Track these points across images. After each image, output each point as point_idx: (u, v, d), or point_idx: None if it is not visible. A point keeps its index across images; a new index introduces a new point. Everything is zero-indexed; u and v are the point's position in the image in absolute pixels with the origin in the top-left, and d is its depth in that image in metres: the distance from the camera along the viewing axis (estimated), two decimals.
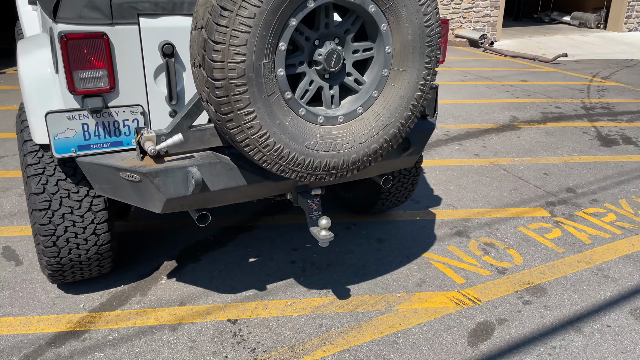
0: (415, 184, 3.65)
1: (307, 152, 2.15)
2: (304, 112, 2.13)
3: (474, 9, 12.37)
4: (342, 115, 2.23)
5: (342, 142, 2.22)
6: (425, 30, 2.22)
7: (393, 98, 2.28)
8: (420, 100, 2.34)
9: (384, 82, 2.27)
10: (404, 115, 2.32)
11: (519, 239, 3.66)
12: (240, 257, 3.38)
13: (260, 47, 1.91)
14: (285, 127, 2.08)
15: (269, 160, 2.10)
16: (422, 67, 2.28)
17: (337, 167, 2.24)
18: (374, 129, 2.28)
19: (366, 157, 2.30)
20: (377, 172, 2.83)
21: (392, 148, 2.39)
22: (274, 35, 1.93)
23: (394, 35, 2.19)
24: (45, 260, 2.68)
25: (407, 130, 2.38)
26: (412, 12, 2.17)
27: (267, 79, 1.97)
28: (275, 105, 2.03)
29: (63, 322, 2.76)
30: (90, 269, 2.86)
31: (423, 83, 2.31)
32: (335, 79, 2.24)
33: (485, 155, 5.19)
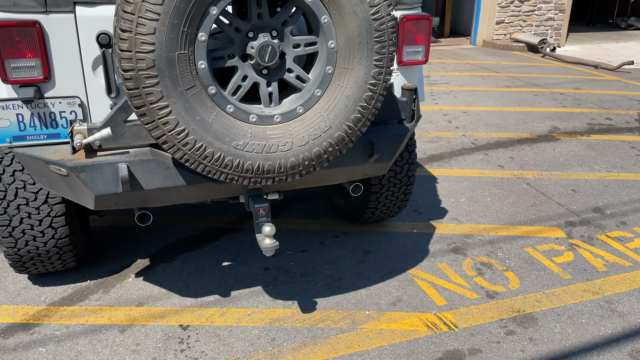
0: (409, 194, 3.39)
1: (235, 152, 1.98)
2: (233, 110, 1.97)
3: (535, 12, 11.69)
4: (279, 114, 2.05)
5: (278, 144, 2.04)
6: (373, 24, 2.00)
7: (338, 98, 2.08)
8: (371, 102, 2.11)
9: (328, 80, 2.06)
10: (352, 117, 2.10)
11: (521, 260, 3.31)
12: (215, 260, 3.26)
13: (173, 37, 1.77)
14: (208, 124, 1.92)
15: (191, 159, 1.95)
16: (371, 65, 2.06)
17: (272, 170, 2.06)
18: (316, 130, 2.08)
19: (308, 162, 2.10)
20: (341, 178, 2.62)
21: (341, 153, 2.17)
22: (189, 24, 1.79)
23: (337, 29, 1.99)
24: (4, 250, 2.67)
25: (358, 134, 2.16)
26: (356, 4, 1.95)
27: (183, 72, 1.83)
28: (195, 100, 1.88)
29: (20, 313, 2.75)
30: (51, 263, 2.84)
31: (373, 83, 2.08)
32: (273, 75, 2.06)
33: (510, 167, 4.80)
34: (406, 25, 2.58)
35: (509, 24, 11.59)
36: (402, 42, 2.61)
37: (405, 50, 2.63)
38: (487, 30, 11.54)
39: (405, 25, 2.58)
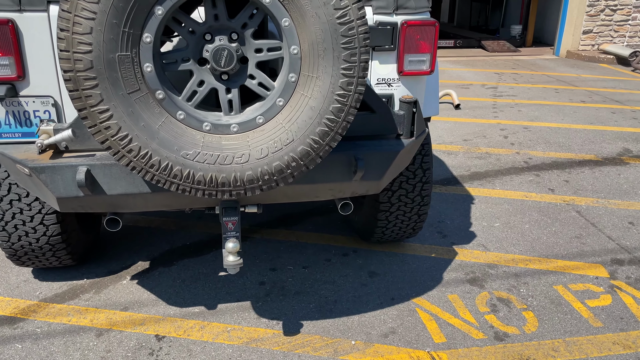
0: (423, 215, 3.11)
1: (184, 162, 1.85)
2: (184, 116, 1.85)
3: (629, 22, 10.69)
4: (236, 123, 1.89)
5: (234, 155, 1.89)
6: (339, 28, 1.79)
7: (302, 109, 1.89)
8: (340, 115, 1.90)
9: (292, 89, 1.88)
10: (317, 131, 1.90)
11: (547, 299, 2.92)
12: (213, 268, 3.16)
13: (112, 37, 1.67)
14: (154, 131, 1.81)
15: (137, 167, 1.85)
16: (338, 74, 1.85)
17: (227, 183, 1.91)
18: (277, 143, 1.90)
19: (268, 176, 1.93)
20: (327, 195, 2.42)
21: (307, 169, 1.98)
22: (131, 25, 1.68)
23: (300, 34, 1.80)
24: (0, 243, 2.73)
25: (327, 149, 1.95)
26: (319, 6, 1.76)
27: (126, 74, 1.73)
28: (139, 104, 1.77)
29: (11, 306, 2.79)
30: (46, 259, 2.86)
31: (342, 94, 1.87)
32: (234, 81, 1.91)
33: (561, 191, 4.33)
34: (408, 31, 2.34)
35: (597, 34, 10.69)
36: (402, 50, 2.37)
37: (406, 58, 2.39)
38: (573, 41, 10.71)
39: (406, 32, 2.34)
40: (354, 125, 2.34)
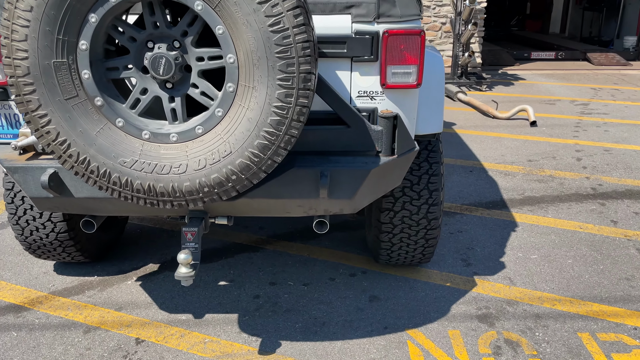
0: (431, 240, 2.87)
1: (121, 169, 1.85)
2: (123, 124, 1.84)
3: None
4: (175, 133, 1.86)
5: (171, 165, 1.85)
6: (273, 37, 1.69)
7: (240, 120, 1.81)
8: (280, 128, 1.79)
9: (231, 100, 1.81)
10: (256, 144, 1.81)
11: (565, 348, 2.55)
12: (215, 277, 3.15)
13: (47, 44, 1.71)
14: (92, 137, 1.83)
15: (79, 172, 1.88)
16: (274, 85, 1.74)
17: (166, 193, 1.88)
18: (215, 155, 1.84)
19: (207, 188, 1.87)
20: (298, 211, 2.30)
21: (250, 182, 1.89)
22: (65, 32, 1.71)
23: (235, 42, 1.73)
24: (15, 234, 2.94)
25: (269, 163, 1.85)
26: (249, 13, 1.67)
27: (63, 81, 1.76)
28: (77, 111, 1.80)
29: (24, 296, 2.99)
30: (57, 253, 3.03)
31: (279, 106, 1.76)
32: (177, 90, 1.88)
33: (626, 224, 3.80)
34: (390, 41, 2.16)
35: None
36: (384, 61, 2.20)
37: (389, 70, 2.21)
38: None
39: (388, 42, 2.16)
40: (328, 140, 2.21)
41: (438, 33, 9.18)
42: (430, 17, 9.09)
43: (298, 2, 1.69)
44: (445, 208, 4.04)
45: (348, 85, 2.25)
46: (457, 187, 4.44)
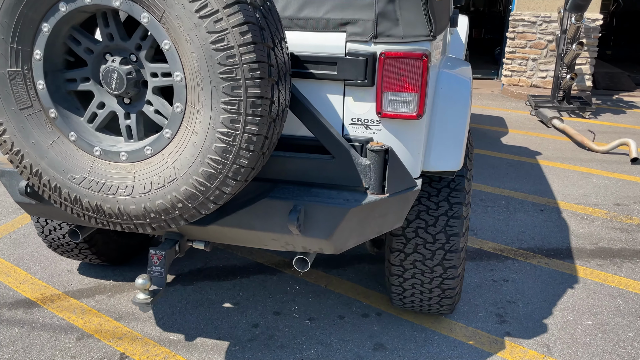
0: (448, 290, 2.51)
1: (71, 186, 1.77)
2: (75, 138, 1.76)
3: None
4: (125, 152, 1.73)
5: (118, 186, 1.73)
6: (216, 55, 1.50)
7: (186, 144, 1.64)
8: (227, 156, 1.60)
9: (179, 121, 1.65)
10: (201, 171, 1.63)
11: None
12: (222, 297, 3.02)
13: (1, 53, 1.67)
14: (44, 150, 1.76)
15: (35, 184, 1.82)
16: (218, 109, 1.55)
17: (113, 215, 1.76)
18: (161, 179, 1.69)
19: (154, 214, 1.73)
20: (275, 245, 2.08)
21: (198, 212, 1.72)
22: (19, 41, 1.66)
23: (182, 59, 1.57)
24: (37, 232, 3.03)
25: (218, 193, 1.66)
26: (190, 28, 1.50)
27: (17, 90, 1.71)
28: (30, 122, 1.74)
29: (41, 292, 3.07)
30: (75, 254, 3.08)
31: (225, 132, 1.57)
32: (134, 106, 1.76)
33: None
34: (387, 64, 1.88)
35: None
36: (379, 87, 1.92)
37: (385, 97, 1.92)
38: None
39: (384, 65, 1.89)
40: (311, 170, 1.98)
41: (543, 51, 8.43)
42: (535, 33, 8.37)
43: (247, 17, 1.49)
44: (497, 250, 3.59)
45: (340, 111, 2.01)
46: (518, 228, 3.94)
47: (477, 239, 3.75)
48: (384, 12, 1.88)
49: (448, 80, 2.26)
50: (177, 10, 1.49)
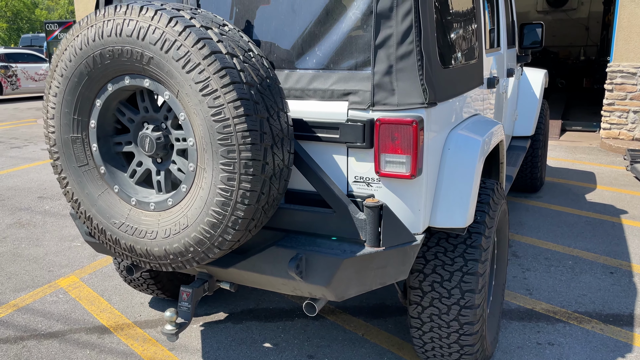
0: (466, 347, 2.54)
1: (112, 229, 2.15)
2: (118, 190, 2.15)
3: None
4: (153, 202, 2.09)
5: (147, 231, 2.08)
6: (215, 125, 1.82)
7: (196, 198, 1.96)
8: (226, 209, 1.89)
9: (192, 178, 1.97)
10: (206, 220, 1.93)
11: None
12: (265, 338, 3.26)
13: (66, 122, 2.12)
14: (95, 199, 2.17)
15: (88, 227, 2.24)
16: (218, 169, 1.86)
17: (143, 254, 2.11)
18: (177, 226, 2.01)
19: (173, 256, 2.05)
20: (286, 289, 2.30)
21: (207, 256, 2.00)
22: (79, 113, 2.11)
23: (193, 127, 1.90)
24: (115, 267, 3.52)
25: (221, 240, 1.94)
26: (196, 104, 1.83)
27: (78, 152, 2.15)
28: (86, 176, 2.17)
29: (114, 320, 3.53)
30: (144, 288, 3.51)
31: (223, 188, 1.86)
32: (163, 165, 2.12)
33: None
34: (381, 129, 2.09)
35: None
36: (377, 149, 2.12)
37: (382, 158, 2.12)
38: None
39: (380, 130, 2.09)
40: (316, 222, 2.21)
41: None
42: (635, 85, 7.94)
43: (240, 94, 1.79)
44: (550, 312, 3.48)
45: (345, 170, 2.23)
46: (580, 289, 3.77)
47: (530, 299, 3.65)
48: (380, 83, 2.10)
49: (457, 141, 2.39)
50: (186, 89, 1.84)
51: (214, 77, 1.79)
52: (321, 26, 2.20)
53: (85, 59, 1.99)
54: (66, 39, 2.04)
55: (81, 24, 1.99)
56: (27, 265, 4.37)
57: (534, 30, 4.67)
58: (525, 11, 16.61)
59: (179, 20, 1.82)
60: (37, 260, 4.47)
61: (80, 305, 3.69)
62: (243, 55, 1.88)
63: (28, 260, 4.48)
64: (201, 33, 1.81)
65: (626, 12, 7.92)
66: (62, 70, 2.05)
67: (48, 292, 3.90)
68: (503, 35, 3.93)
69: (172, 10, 1.87)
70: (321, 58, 2.21)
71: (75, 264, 4.39)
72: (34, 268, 4.32)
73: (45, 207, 5.90)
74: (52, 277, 4.16)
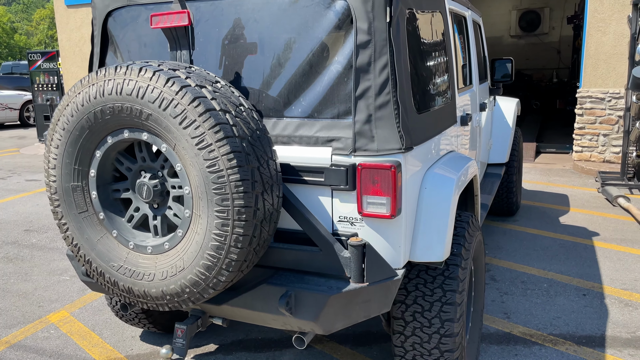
0: None
1: (111, 272, 2.27)
2: (116, 234, 2.28)
3: None
4: (151, 246, 2.23)
5: (144, 273, 2.21)
6: (210, 176, 1.97)
7: (191, 242, 2.10)
8: (220, 252, 2.03)
9: (187, 224, 2.12)
10: (201, 263, 2.07)
11: None
12: None
13: (67, 172, 2.26)
14: (94, 243, 2.30)
15: (87, 270, 2.35)
16: (213, 216, 2.01)
17: (140, 295, 2.24)
18: (174, 269, 2.15)
19: (169, 296, 2.18)
20: (277, 324, 2.43)
21: (202, 296, 2.14)
22: (80, 163, 2.24)
23: (189, 177, 2.06)
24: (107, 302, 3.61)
25: (216, 281, 2.08)
26: (192, 156, 1.99)
27: (78, 199, 2.29)
28: (85, 222, 2.30)
29: (106, 355, 3.60)
30: (135, 322, 3.60)
31: (218, 233, 2.01)
32: (159, 210, 2.26)
33: None
34: (363, 173, 2.26)
35: None
36: (359, 191, 2.29)
37: (364, 200, 2.29)
38: None
39: (361, 174, 2.27)
40: (304, 260, 2.36)
41: (614, 127, 8.30)
42: (604, 109, 8.30)
43: (233, 147, 1.96)
44: (527, 336, 3.65)
45: (330, 210, 2.39)
46: (555, 312, 3.96)
47: (507, 322, 3.83)
48: (361, 131, 2.28)
49: (432, 180, 2.57)
50: (183, 143, 1.99)
51: (209, 132, 1.95)
52: (306, 78, 2.38)
53: (87, 114, 2.13)
54: (68, 96, 2.19)
55: (82, 83, 2.14)
56: (16, 301, 4.42)
57: (505, 65, 4.94)
58: (499, 36, 17.15)
59: (176, 81, 1.98)
60: (27, 296, 4.52)
61: (72, 341, 3.76)
62: (235, 110, 2.05)
63: (17, 295, 4.53)
64: (196, 92, 1.98)
65: (593, 41, 8.32)
66: (64, 124, 2.20)
67: (39, 328, 3.96)
68: (475, 72, 4.17)
69: (169, 70, 2.04)
70: (306, 107, 2.39)
71: (65, 298, 4.46)
72: (24, 304, 4.37)
73: (32, 241, 5.95)
74: (42, 312, 4.22)
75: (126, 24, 2.75)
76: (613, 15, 8.15)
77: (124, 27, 2.76)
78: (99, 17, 2.81)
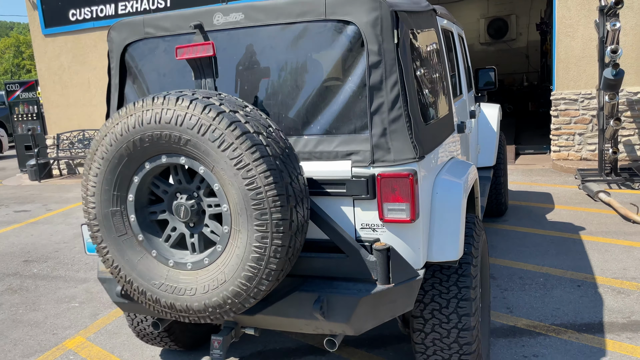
0: None
1: (153, 289, 2.41)
2: (156, 254, 2.42)
3: None
4: (191, 262, 2.37)
5: (186, 288, 2.36)
6: (249, 193, 2.14)
7: (232, 255, 2.25)
8: (260, 263, 2.19)
9: (227, 239, 2.28)
10: (242, 274, 2.23)
11: None
12: None
13: (106, 198, 2.40)
14: (134, 264, 2.43)
15: (128, 290, 2.48)
16: (253, 229, 2.17)
17: (183, 310, 2.38)
18: (215, 282, 2.30)
19: (212, 309, 2.32)
20: (308, 329, 2.59)
21: (243, 306, 2.29)
22: (119, 189, 2.39)
23: (227, 195, 2.22)
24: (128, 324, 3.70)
25: (256, 290, 2.24)
26: (232, 175, 2.15)
27: (117, 223, 2.42)
28: (125, 244, 2.43)
29: None
30: (157, 342, 3.70)
31: (258, 246, 2.18)
32: (196, 228, 2.41)
33: None
34: (382, 183, 2.46)
35: None
36: (380, 200, 2.48)
37: (385, 207, 2.48)
38: None
39: (381, 183, 2.46)
40: (332, 267, 2.53)
41: (588, 125, 8.70)
42: (578, 110, 8.70)
43: (269, 166, 2.13)
44: (530, 327, 3.87)
45: (352, 218, 2.57)
46: (554, 304, 4.19)
47: (511, 316, 4.04)
48: (378, 144, 2.48)
49: (442, 185, 2.78)
50: (222, 164, 2.16)
51: (246, 153, 2.12)
52: (323, 98, 2.57)
53: (126, 143, 2.28)
54: (105, 127, 2.33)
55: (120, 114, 2.29)
56: (29, 330, 4.47)
57: (488, 73, 5.22)
58: (470, 44, 17.65)
59: (212, 108, 2.15)
60: (39, 325, 4.57)
61: None
62: (266, 132, 2.22)
63: (29, 325, 4.58)
64: (232, 117, 2.15)
65: (562, 46, 8.73)
66: (102, 153, 2.34)
67: (58, 355, 4.02)
68: (464, 82, 4.43)
69: (204, 99, 2.20)
70: (324, 125, 2.58)
71: (78, 324, 4.52)
72: (37, 332, 4.42)
73: (34, 271, 5.97)
74: (57, 339, 4.28)
75: (144, 56, 2.91)
76: (580, 20, 8.58)
77: (142, 58, 2.91)
78: (116, 50, 2.96)
